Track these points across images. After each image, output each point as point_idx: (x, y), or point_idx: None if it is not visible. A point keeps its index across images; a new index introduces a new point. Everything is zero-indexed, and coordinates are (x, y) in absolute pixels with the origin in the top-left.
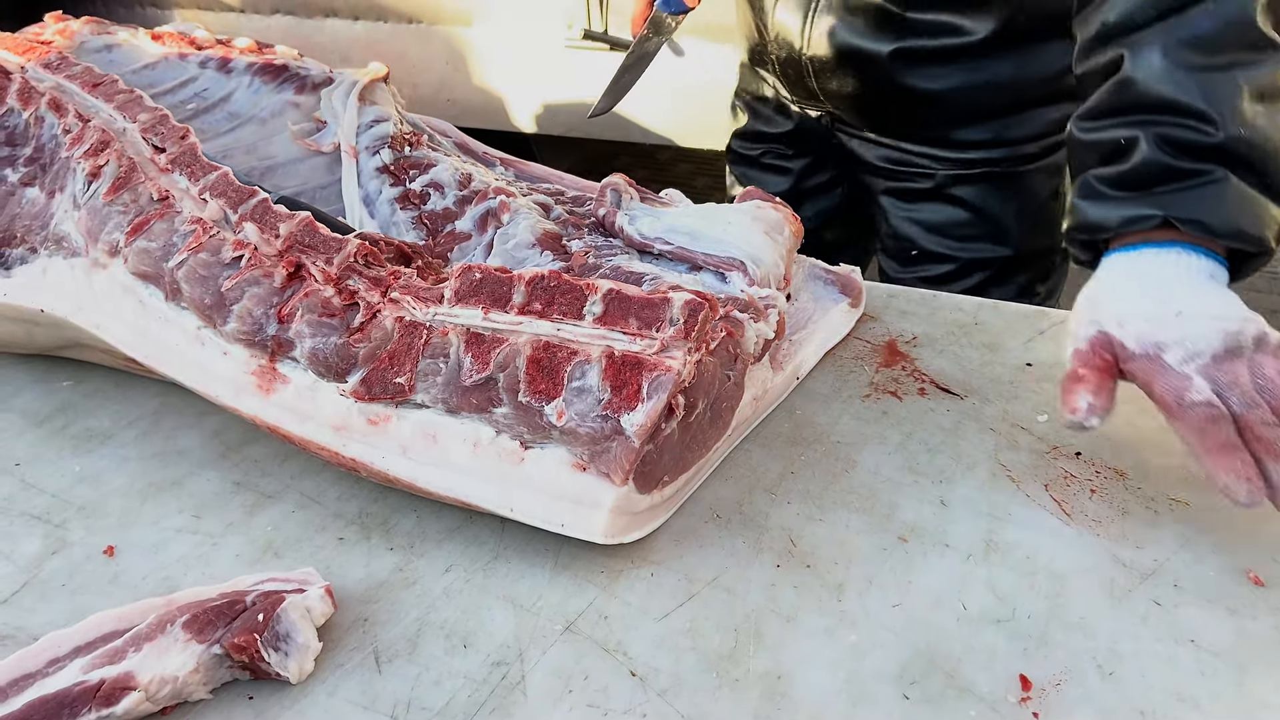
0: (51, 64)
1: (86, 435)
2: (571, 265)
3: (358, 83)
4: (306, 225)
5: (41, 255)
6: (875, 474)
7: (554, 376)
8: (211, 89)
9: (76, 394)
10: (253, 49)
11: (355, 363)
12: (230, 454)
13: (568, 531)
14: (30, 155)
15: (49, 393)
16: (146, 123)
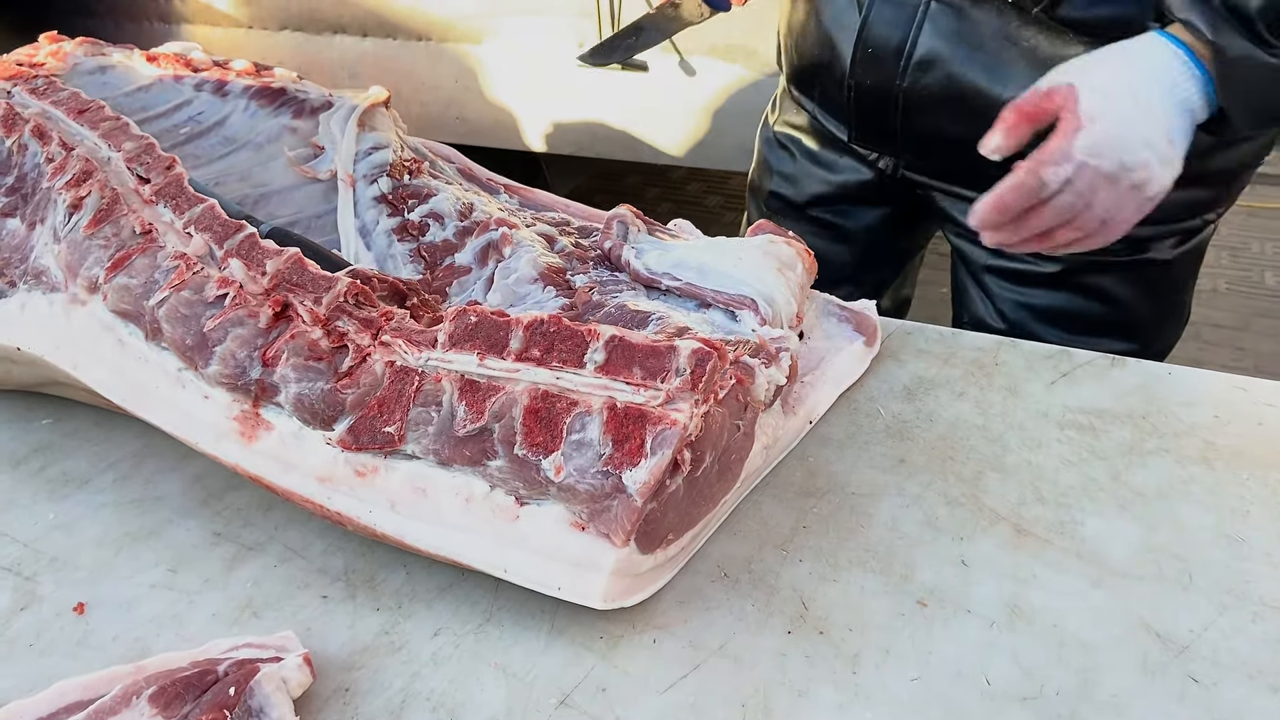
0: (38, 89)
1: (63, 479)
2: (575, 302)
3: (357, 107)
4: (295, 262)
5: (20, 290)
6: (892, 529)
7: (552, 428)
8: (207, 112)
9: (56, 433)
10: (250, 71)
11: (343, 410)
12: (212, 501)
13: (565, 596)
14: (11, 185)
15: (27, 431)
16: (131, 152)
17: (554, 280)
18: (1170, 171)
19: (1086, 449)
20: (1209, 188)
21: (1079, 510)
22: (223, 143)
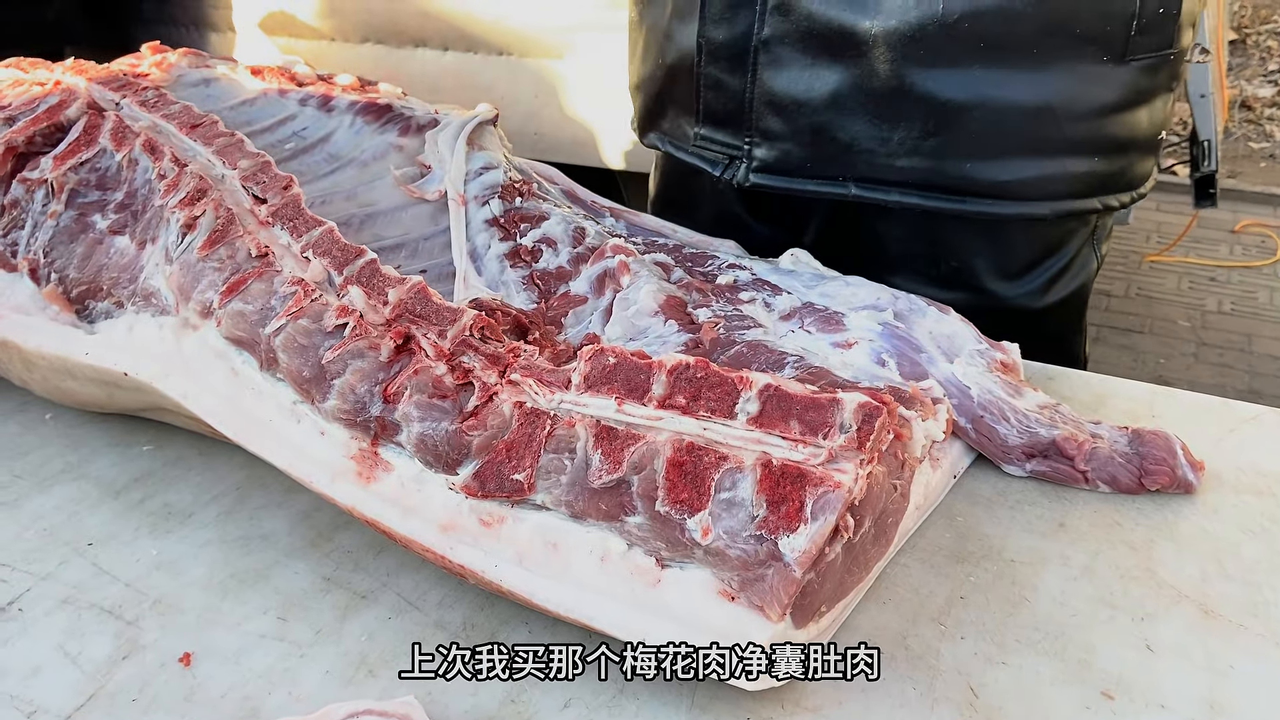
0: (148, 102)
1: (165, 512)
2: (700, 338)
3: (466, 125)
4: (418, 291)
5: (128, 311)
6: (1061, 605)
7: (699, 485)
8: (311, 128)
9: (157, 461)
10: (355, 86)
11: (468, 453)
12: (320, 542)
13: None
14: (121, 201)
15: (127, 459)
16: (247, 170)
17: (676, 314)
18: None
19: (1268, 517)
20: None
21: (1270, 589)
22: (327, 159)
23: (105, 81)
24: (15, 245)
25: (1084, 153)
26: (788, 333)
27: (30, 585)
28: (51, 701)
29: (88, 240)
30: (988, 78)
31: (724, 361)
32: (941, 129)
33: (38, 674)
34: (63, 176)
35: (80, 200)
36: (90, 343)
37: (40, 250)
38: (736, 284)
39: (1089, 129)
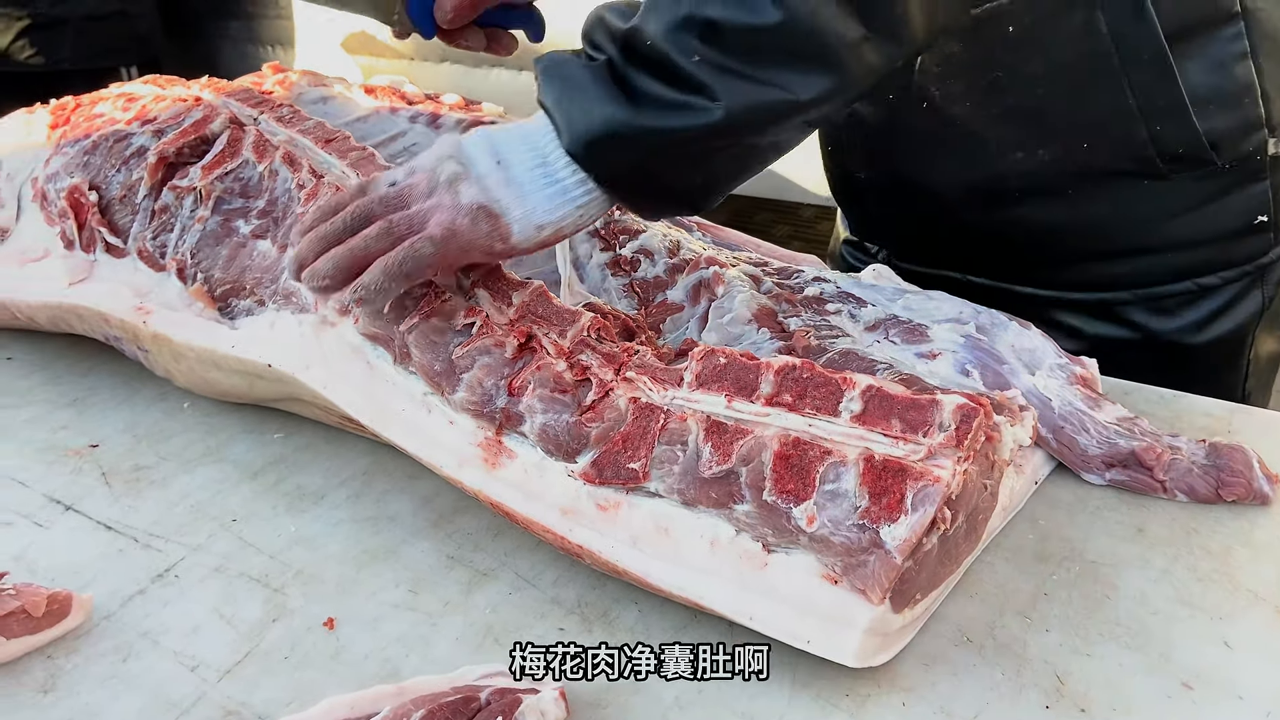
0: (284, 118)
1: (299, 493)
2: (793, 345)
3: None
4: (539, 295)
5: (269, 309)
6: (1142, 603)
7: (804, 476)
8: (421, 144)
9: (288, 447)
10: (460, 105)
11: (587, 443)
12: (442, 523)
13: (814, 650)
14: (263, 208)
15: (261, 444)
16: None
17: (768, 322)
18: (495, 183)
19: None
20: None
21: None
22: None
23: (243, 98)
24: (164, 247)
25: (1157, 251)
26: (873, 343)
27: (184, 555)
28: (212, 657)
29: (232, 243)
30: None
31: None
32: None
33: (197, 632)
34: (210, 185)
35: (225, 207)
36: (235, 337)
37: (188, 252)
38: (823, 296)
39: (1158, 232)
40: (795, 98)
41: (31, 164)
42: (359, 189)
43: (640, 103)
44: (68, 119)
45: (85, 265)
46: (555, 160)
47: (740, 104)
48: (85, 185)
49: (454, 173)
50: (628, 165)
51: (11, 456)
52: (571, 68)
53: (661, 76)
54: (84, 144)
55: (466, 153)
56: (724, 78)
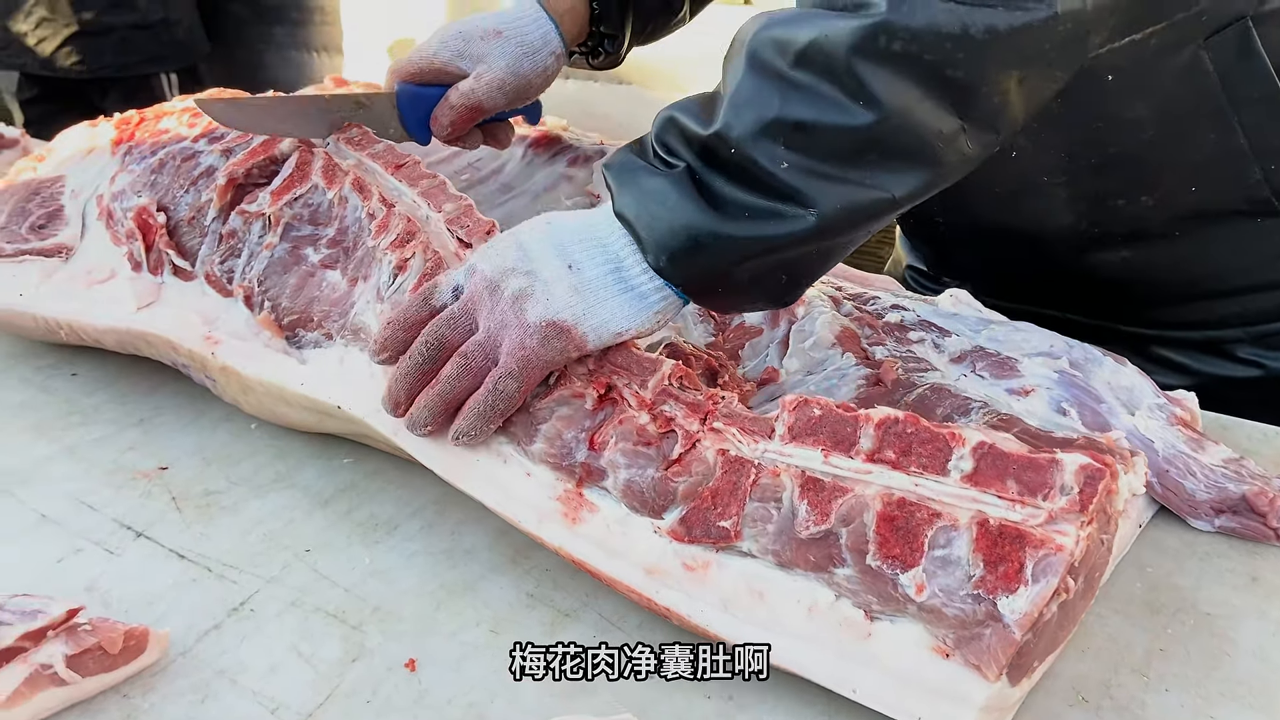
0: (353, 139)
1: (372, 523)
2: (881, 377)
3: None
4: (623, 347)
5: (337, 343)
6: (1263, 660)
7: (911, 541)
8: (485, 159)
9: (358, 474)
10: (521, 120)
11: (673, 499)
12: (519, 559)
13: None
14: (333, 237)
15: (330, 470)
16: (451, 213)
17: (852, 347)
18: (564, 291)
19: None
20: None
21: None
22: (500, 190)
23: None
24: (231, 272)
25: (1269, 288)
26: (960, 376)
27: (259, 587)
28: (292, 699)
29: (300, 272)
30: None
31: (908, 404)
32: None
33: (275, 671)
34: (279, 211)
35: (294, 234)
36: (305, 373)
37: (255, 279)
38: (904, 324)
39: (1271, 269)
40: (891, 196)
41: (96, 180)
42: (423, 299)
43: (726, 211)
44: (132, 134)
45: (153, 288)
46: (631, 266)
47: (834, 208)
48: (153, 206)
49: (519, 289)
50: (712, 272)
51: (80, 478)
52: (647, 175)
53: (748, 183)
54: (150, 161)
55: (531, 253)
56: (815, 182)
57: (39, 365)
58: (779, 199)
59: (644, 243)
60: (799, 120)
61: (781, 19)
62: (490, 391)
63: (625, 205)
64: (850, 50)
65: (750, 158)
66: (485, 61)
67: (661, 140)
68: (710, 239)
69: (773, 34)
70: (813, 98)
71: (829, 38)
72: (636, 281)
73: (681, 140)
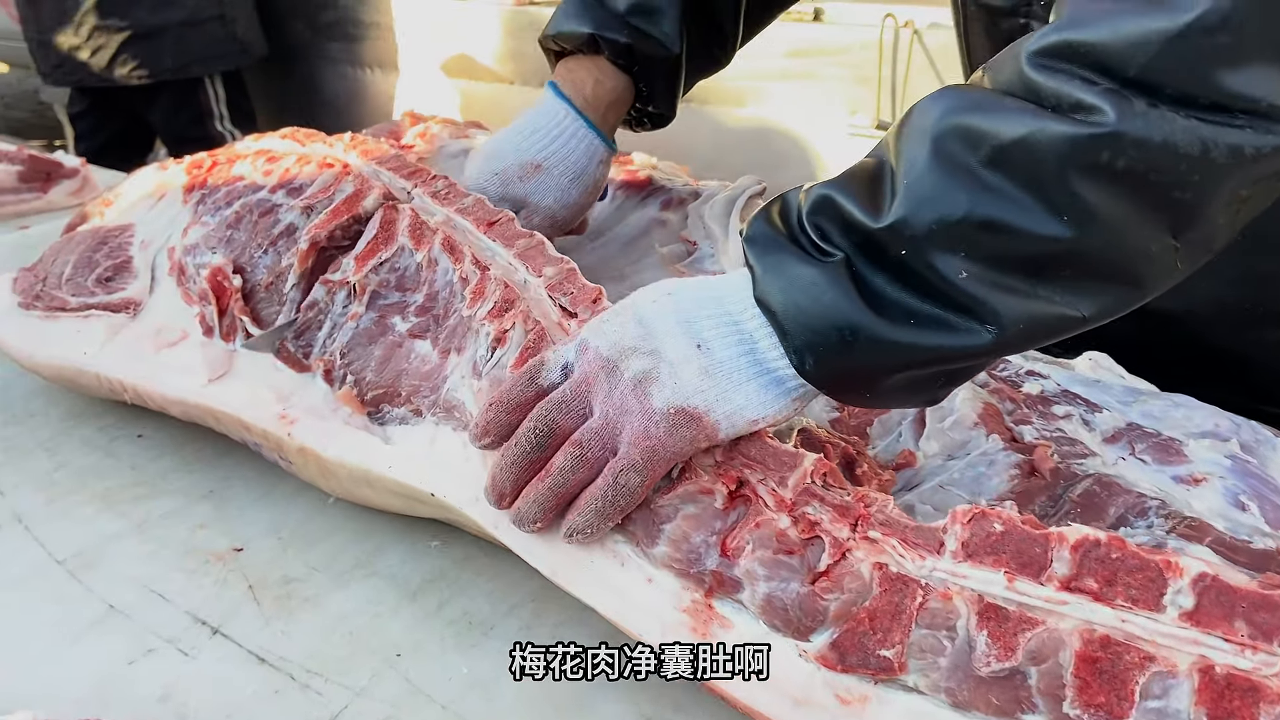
0: (440, 193)
1: (466, 621)
2: (1035, 465)
3: (738, 198)
4: (752, 434)
5: (427, 421)
6: None
7: (1120, 687)
8: None
9: (446, 560)
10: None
11: (823, 619)
12: None
13: None
14: (422, 304)
15: (416, 555)
16: (553, 278)
17: (996, 426)
18: (693, 373)
19: None
20: None
21: None
22: (588, 235)
23: (395, 167)
24: (309, 346)
25: None
26: (1118, 460)
27: (348, 701)
28: None
29: (387, 343)
30: None
31: (1074, 499)
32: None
33: None
34: (365, 279)
35: (381, 302)
36: (391, 455)
37: (337, 351)
38: (1046, 395)
39: None
40: (1081, 315)
41: (168, 230)
42: (529, 378)
43: (887, 313)
44: (204, 179)
45: (225, 357)
46: (767, 349)
47: (1015, 324)
48: (229, 267)
49: (642, 371)
50: (861, 376)
51: (151, 561)
52: (797, 262)
53: (918, 288)
54: (226, 215)
55: (653, 329)
56: (998, 294)
57: (102, 425)
58: (952, 309)
59: (788, 336)
60: (988, 226)
61: (974, 104)
62: (610, 485)
63: (769, 292)
64: (1064, 159)
65: (926, 261)
66: (529, 203)
67: (815, 223)
68: (866, 343)
69: (964, 123)
70: (1007, 203)
71: (1038, 141)
72: (773, 365)
73: (840, 227)
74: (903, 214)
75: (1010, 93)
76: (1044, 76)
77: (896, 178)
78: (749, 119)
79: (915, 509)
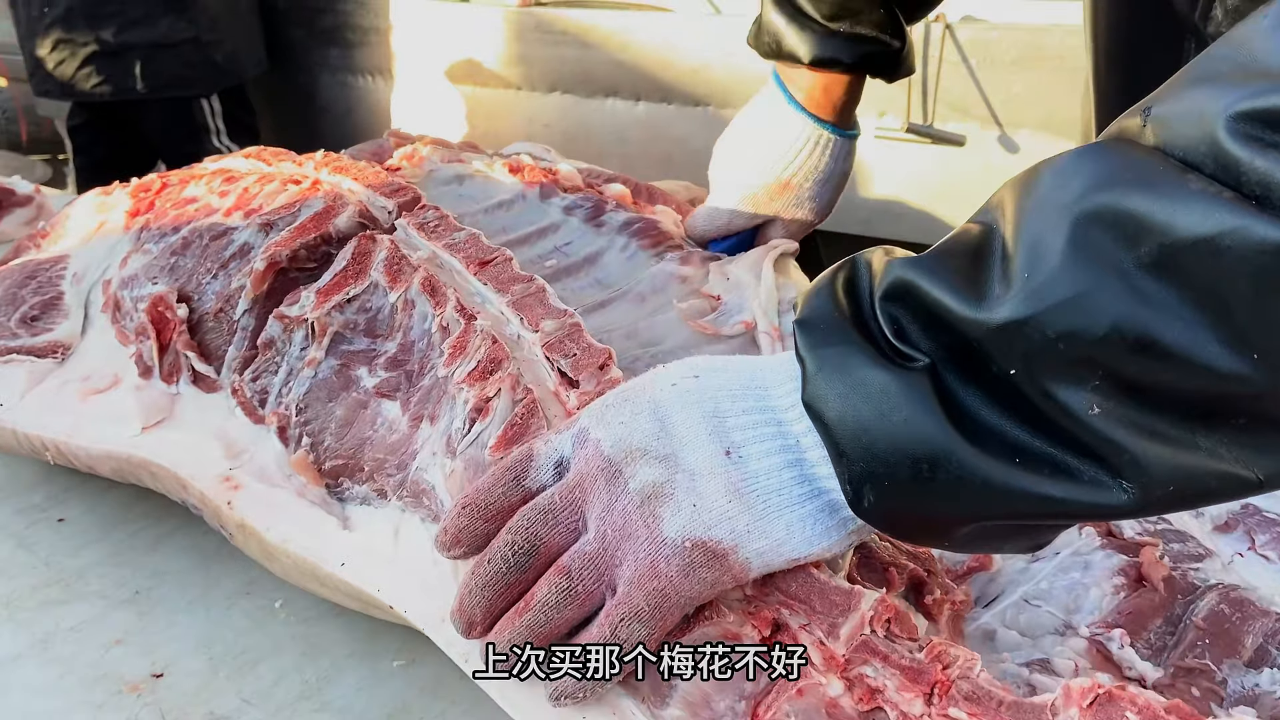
0: (428, 225)
1: None
2: (1145, 573)
3: (768, 254)
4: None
5: (392, 504)
6: None
7: None
8: (576, 243)
9: (411, 687)
10: (625, 198)
11: None
12: None
13: None
14: (394, 355)
15: (376, 679)
16: (553, 334)
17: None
18: (719, 491)
19: None
20: None
21: None
22: (595, 285)
23: (376, 184)
24: (265, 394)
25: None
26: (1233, 556)
27: None
28: None
29: (350, 401)
30: None
31: (1198, 625)
32: None
33: None
34: (326, 317)
35: (344, 348)
36: (346, 547)
37: (293, 404)
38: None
39: None
40: (1254, 478)
41: (105, 261)
42: (512, 475)
43: (982, 444)
44: (151, 204)
45: (164, 402)
46: (818, 463)
47: (1162, 484)
48: (172, 295)
49: (652, 483)
50: (940, 518)
51: (51, 692)
52: (865, 363)
53: (1027, 417)
54: (172, 240)
55: (671, 424)
56: (1142, 442)
57: (22, 506)
58: (1076, 452)
59: (844, 460)
60: (1141, 348)
61: (1136, 178)
62: (608, 640)
63: (823, 397)
64: (1266, 276)
65: (1043, 387)
66: (779, 220)
67: (891, 314)
68: (950, 482)
69: (1122, 206)
70: (1172, 322)
71: (1231, 247)
72: (826, 485)
73: (923, 323)
74: (1019, 315)
75: (1193, 165)
76: (1252, 152)
77: (1012, 263)
78: None
79: (996, 636)
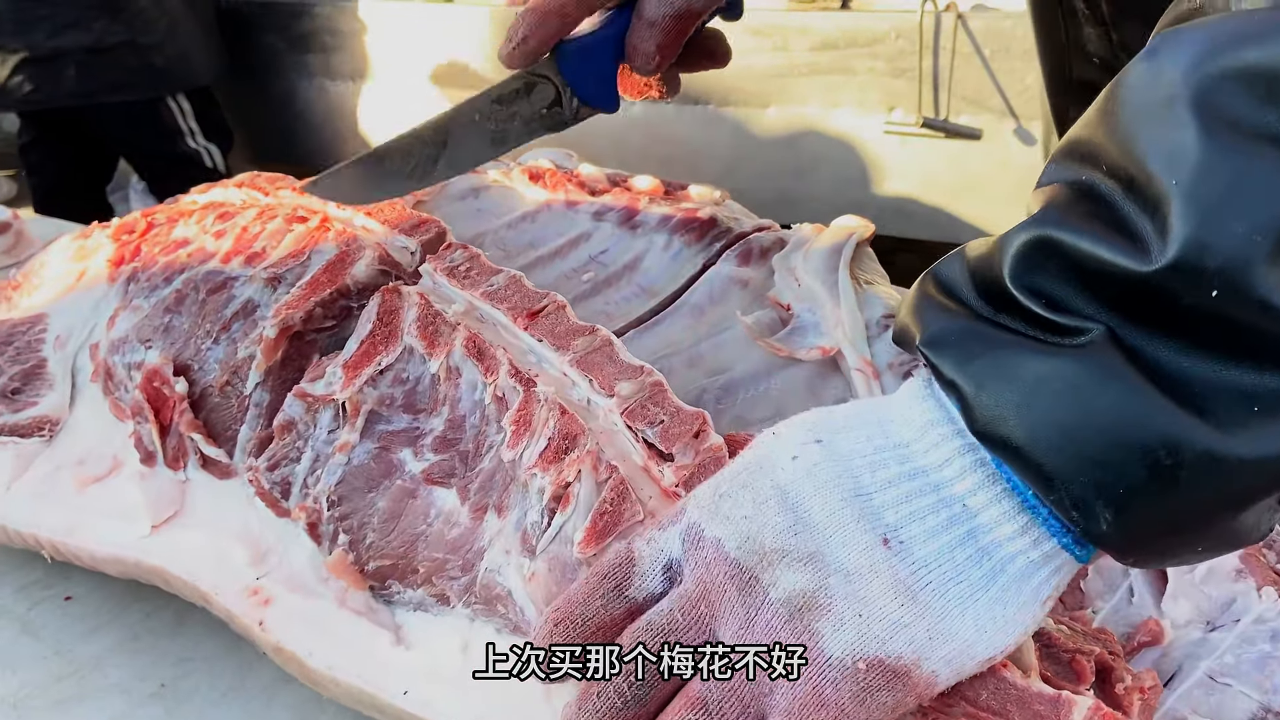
0: (458, 269)
1: None
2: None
3: (844, 250)
4: (986, 671)
5: (458, 612)
6: None
7: None
8: (613, 250)
9: None
10: (658, 191)
11: None
12: None
13: None
14: (442, 433)
15: None
16: (631, 398)
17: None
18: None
19: None
20: None
21: None
22: (640, 294)
23: (395, 223)
24: (287, 483)
25: None
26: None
27: None
28: None
29: (394, 490)
30: None
31: None
32: None
33: None
34: (359, 394)
35: (381, 428)
36: (407, 667)
37: (324, 496)
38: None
39: None
40: None
41: (90, 320)
42: (613, 581)
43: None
44: (137, 249)
45: (173, 491)
46: (993, 525)
47: None
48: (168, 367)
49: (799, 593)
50: (1198, 513)
51: None
52: (1033, 360)
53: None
54: (164, 294)
55: (806, 512)
56: None
57: (23, 584)
58: None
59: (1056, 484)
60: None
61: (1238, 34)
62: None
63: (999, 419)
64: None
65: (1258, 297)
66: None
67: (1035, 289)
68: (1200, 458)
69: (1240, 64)
70: None
71: None
72: (1008, 551)
73: (1083, 282)
74: (1189, 227)
75: None
76: None
77: (1147, 186)
78: (774, 120)
79: None
